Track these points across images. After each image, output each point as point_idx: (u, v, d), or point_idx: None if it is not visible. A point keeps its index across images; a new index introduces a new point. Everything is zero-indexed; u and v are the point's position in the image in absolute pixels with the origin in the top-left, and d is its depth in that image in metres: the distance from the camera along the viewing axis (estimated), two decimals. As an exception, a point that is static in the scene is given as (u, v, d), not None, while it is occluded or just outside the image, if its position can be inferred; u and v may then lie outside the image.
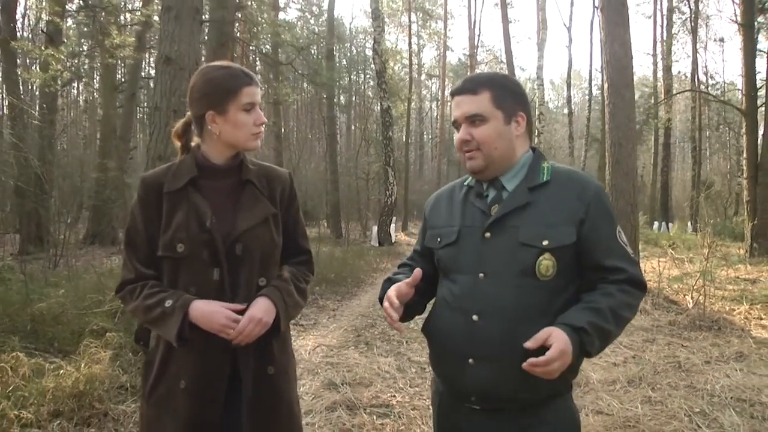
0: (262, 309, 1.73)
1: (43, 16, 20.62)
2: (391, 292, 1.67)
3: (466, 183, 1.81)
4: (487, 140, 1.65)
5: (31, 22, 23.03)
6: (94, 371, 3.92)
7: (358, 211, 22.06)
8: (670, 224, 24.79)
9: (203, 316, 1.67)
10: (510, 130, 1.67)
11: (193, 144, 1.90)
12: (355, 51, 44.09)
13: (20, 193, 10.49)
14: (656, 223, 25.00)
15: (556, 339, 1.42)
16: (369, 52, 41.06)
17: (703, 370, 4.84)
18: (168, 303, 1.69)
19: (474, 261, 1.65)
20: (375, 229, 17.72)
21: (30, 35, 20.21)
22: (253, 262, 1.80)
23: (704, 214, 21.46)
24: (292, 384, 1.95)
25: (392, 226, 18.31)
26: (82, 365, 3.92)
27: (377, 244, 16.86)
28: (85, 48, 25.49)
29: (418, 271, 1.66)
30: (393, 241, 17.83)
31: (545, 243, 1.57)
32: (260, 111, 1.83)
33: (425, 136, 52.43)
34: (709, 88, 30.27)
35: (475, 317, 1.60)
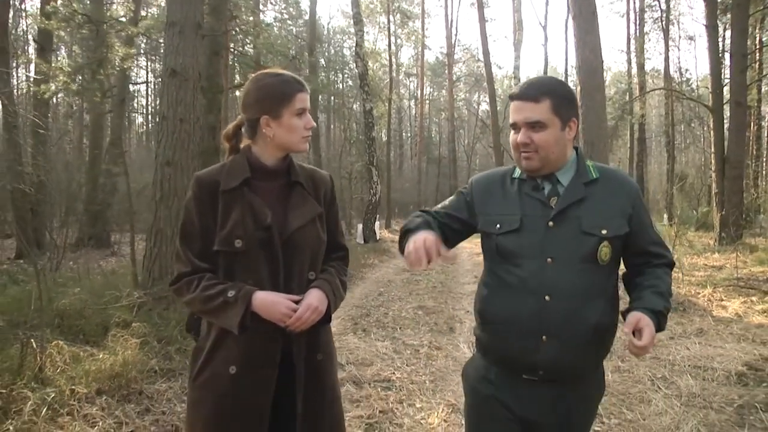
0: (317, 298, 1.86)
1: (22, 22, 20.77)
2: (421, 241, 1.71)
3: (516, 176, 1.95)
4: (545, 145, 1.80)
5: (9, 26, 22.96)
6: (126, 356, 4.40)
7: (342, 210, 22.40)
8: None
9: (265, 305, 1.79)
10: (564, 135, 1.84)
11: (242, 146, 1.99)
12: (333, 51, 44.23)
13: (19, 197, 10.78)
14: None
15: (647, 324, 1.65)
16: (347, 52, 41.44)
17: (667, 344, 5.43)
18: (231, 293, 1.78)
19: (540, 247, 1.81)
20: (360, 227, 18.04)
21: (11, 39, 20.26)
22: (304, 257, 1.92)
23: (677, 206, 22.21)
24: (335, 369, 2.09)
25: (377, 223, 18.72)
26: (118, 350, 4.38)
27: (362, 242, 17.19)
28: (64, 51, 25.63)
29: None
30: (378, 238, 18.23)
31: (604, 232, 1.79)
32: (309, 116, 1.94)
33: (404, 134, 52.84)
34: (682, 84, 31.13)
35: (547, 297, 1.77)
